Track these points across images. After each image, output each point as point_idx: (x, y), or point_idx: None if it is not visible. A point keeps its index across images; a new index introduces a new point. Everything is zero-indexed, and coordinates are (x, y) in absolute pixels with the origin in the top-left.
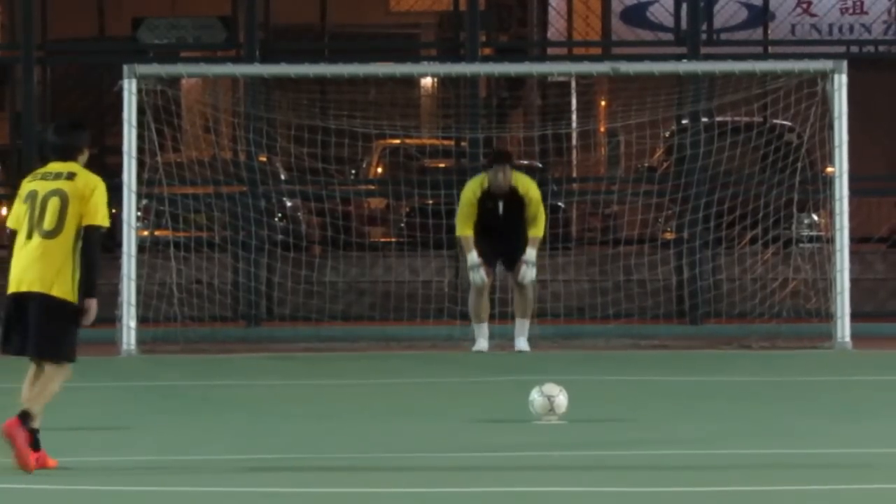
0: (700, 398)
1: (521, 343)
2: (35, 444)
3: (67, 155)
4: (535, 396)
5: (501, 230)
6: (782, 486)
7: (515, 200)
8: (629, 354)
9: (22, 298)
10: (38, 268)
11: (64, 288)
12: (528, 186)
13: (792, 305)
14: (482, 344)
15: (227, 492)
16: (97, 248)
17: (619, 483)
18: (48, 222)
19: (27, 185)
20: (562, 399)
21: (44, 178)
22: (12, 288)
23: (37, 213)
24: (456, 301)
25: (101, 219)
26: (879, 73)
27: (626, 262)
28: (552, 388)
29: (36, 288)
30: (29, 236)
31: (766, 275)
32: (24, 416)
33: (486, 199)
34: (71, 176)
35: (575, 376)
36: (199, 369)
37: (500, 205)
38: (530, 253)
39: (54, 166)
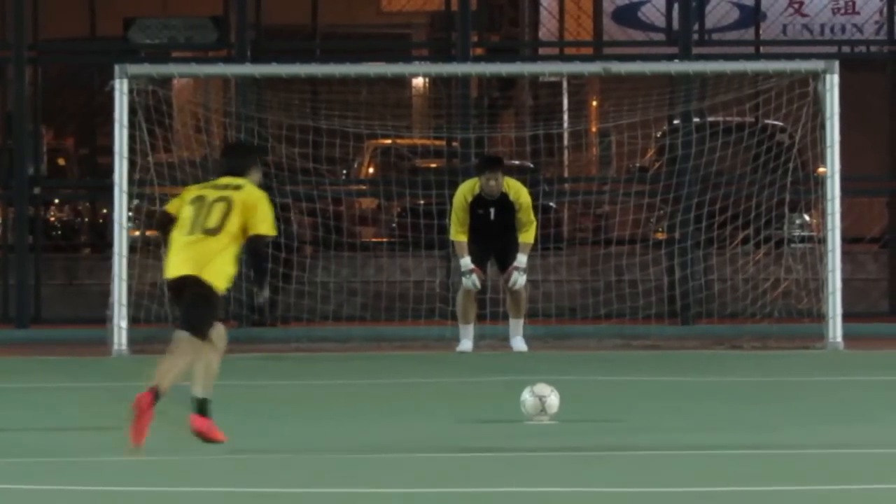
0: (691, 398)
1: (519, 343)
2: (205, 412)
3: (237, 172)
4: (527, 396)
5: (493, 235)
6: (774, 486)
7: (506, 206)
8: (620, 355)
9: (177, 283)
10: (194, 255)
11: (214, 275)
12: (518, 192)
13: (784, 306)
14: (466, 345)
15: (220, 492)
16: (265, 255)
17: (611, 483)
18: (211, 221)
19: (195, 191)
20: (553, 399)
21: (214, 187)
22: (169, 274)
23: (203, 214)
24: (447, 301)
25: (267, 228)
26: (871, 73)
27: (618, 262)
28: (543, 389)
29: (188, 271)
30: (190, 233)
31: (757, 275)
32: (202, 407)
33: (478, 205)
34: (238, 187)
35: (566, 376)
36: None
37: (492, 211)
38: (521, 259)
39: (225, 180)
